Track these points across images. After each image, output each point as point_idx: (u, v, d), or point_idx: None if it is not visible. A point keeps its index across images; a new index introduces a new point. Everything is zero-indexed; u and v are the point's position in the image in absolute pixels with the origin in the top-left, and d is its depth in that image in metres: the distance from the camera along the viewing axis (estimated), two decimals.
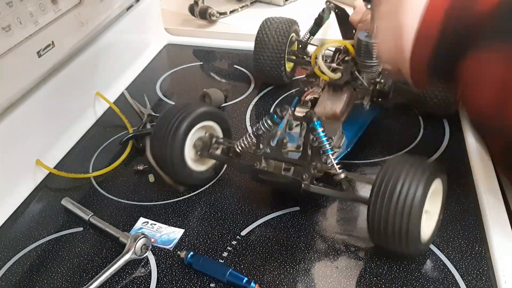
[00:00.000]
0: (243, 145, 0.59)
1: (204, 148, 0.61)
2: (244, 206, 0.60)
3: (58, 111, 0.70)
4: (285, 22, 0.79)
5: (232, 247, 0.55)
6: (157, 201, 0.62)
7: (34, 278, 0.53)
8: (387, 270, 0.51)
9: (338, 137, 0.63)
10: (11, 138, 0.62)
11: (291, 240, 0.55)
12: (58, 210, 0.61)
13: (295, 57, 0.81)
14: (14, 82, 0.61)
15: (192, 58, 0.96)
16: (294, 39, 0.81)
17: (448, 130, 0.71)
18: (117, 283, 0.51)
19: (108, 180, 0.66)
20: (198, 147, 0.61)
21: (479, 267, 0.51)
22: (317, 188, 0.54)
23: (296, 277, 0.51)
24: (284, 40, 0.78)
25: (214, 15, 1.04)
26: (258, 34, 0.79)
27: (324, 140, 0.54)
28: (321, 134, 0.54)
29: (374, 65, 0.69)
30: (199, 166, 0.62)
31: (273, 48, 0.78)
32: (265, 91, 0.83)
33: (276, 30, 0.78)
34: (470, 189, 0.61)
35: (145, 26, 0.95)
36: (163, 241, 0.56)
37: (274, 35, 0.78)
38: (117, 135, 0.74)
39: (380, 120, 0.73)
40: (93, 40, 0.79)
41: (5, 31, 0.58)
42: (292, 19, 0.81)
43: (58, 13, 0.68)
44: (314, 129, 0.54)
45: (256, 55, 0.80)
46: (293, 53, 0.82)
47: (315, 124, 0.54)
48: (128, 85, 0.87)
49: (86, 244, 0.56)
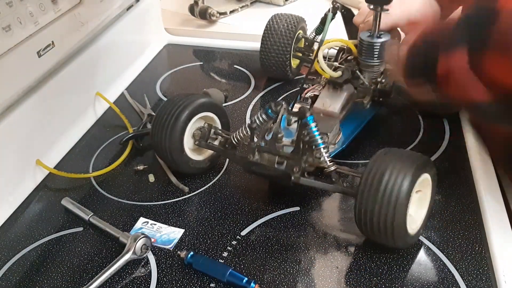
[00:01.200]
0: (238, 137, 0.60)
1: (202, 138, 0.62)
2: (244, 206, 0.60)
3: (58, 111, 0.70)
4: (292, 18, 0.80)
5: (232, 247, 0.55)
6: (157, 201, 0.62)
7: (34, 278, 0.53)
8: (387, 270, 0.51)
9: (334, 134, 0.64)
10: (11, 138, 0.62)
11: (291, 240, 0.55)
12: (58, 210, 0.61)
13: (301, 54, 0.82)
14: (14, 82, 0.61)
15: (192, 58, 0.96)
16: (300, 36, 0.81)
17: (448, 130, 0.71)
18: (117, 283, 0.51)
19: (108, 180, 0.66)
20: (196, 137, 0.62)
21: (479, 267, 0.51)
22: (307, 180, 0.55)
23: (296, 277, 0.51)
24: (290, 36, 0.79)
25: (214, 15, 1.04)
26: (266, 29, 0.80)
27: (316, 135, 0.55)
28: (314, 129, 0.55)
29: (375, 64, 0.69)
30: (197, 155, 0.64)
31: (279, 43, 0.79)
32: (265, 91, 0.83)
33: (283, 26, 0.79)
34: (470, 189, 0.61)
35: (145, 26, 0.95)
36: (163, 241, 0.56)
37: (281, 31, 0.79)
38: (117, 135, 0.74)
39: (380, 119, 0.73)
40: (93, 40, 0.79)
41: (5, 31, 0.58)
42: (300, 17, 0.81)
43: (58, 13, 0.68)
44: (307, 124, 0.55)
45: (262, 50, 0.81)
46: (299, 50, 0.82)
47: (307, 119, 0.55)
48: (128, 85, 0.87)
49: (86, 244, 0.56)
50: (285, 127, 0.66)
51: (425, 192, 0.53)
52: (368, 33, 0.68)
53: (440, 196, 0.60)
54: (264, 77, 0.87)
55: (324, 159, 0.55)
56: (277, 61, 0.80)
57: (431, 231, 0.55)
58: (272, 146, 0.57)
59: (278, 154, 0.57)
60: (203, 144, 0.62)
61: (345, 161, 0.66)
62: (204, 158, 0.64)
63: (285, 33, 0.79)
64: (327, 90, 0.69)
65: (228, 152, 0.62)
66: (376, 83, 0.70)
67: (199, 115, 0.61)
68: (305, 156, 0.55)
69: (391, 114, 0.75)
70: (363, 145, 0.69)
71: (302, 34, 0.82)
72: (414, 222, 0.52)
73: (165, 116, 0.60)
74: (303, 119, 0.55)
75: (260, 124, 0.58)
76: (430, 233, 0.55)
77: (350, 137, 0.66)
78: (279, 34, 0.79)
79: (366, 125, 0.70)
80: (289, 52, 0.79)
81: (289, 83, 0.84)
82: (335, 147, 0.64)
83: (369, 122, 0.71)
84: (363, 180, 0.49)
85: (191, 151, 0.63)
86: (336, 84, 0.68)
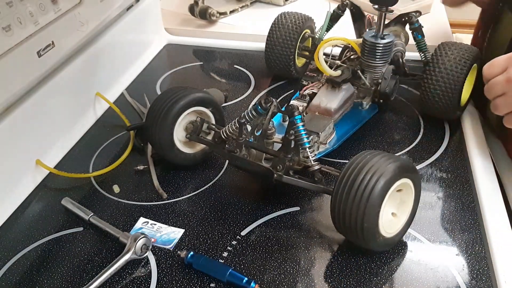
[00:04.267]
0: (228, 132, 0.60)
1: (194, 132, 0.63)
2: (244, 206, 0.60)
3: (58, 111, 0.70)
4: (299, 17, 0.80)
5: (232, 247, 0.55)
6: (157, 201, 0.62)
7: (34, 278, 0.53)
8: (387, 270, 0.51)
9: (326, 134, 0.64)
10: (11, 138, 0.62)
11: (291, 240, 0.55)
12: (58, 210, 0.61)
13: (308, 53, 0.82)
14: (14, 82, 0.61)
15: (192, 58, 0.96)
16: (307, 35, 0.81)
17: (448, 130, 0.71)
18: (117, 283, 0.51)
19: (108, 180, 0.66)
20: (189, 130, 0.63)
21: (479, 267, 0.51)
22: (289, 179, 0.55)
23: (296, 277, 0.51)
24: (297, 31, 0.79)
25: (214, 15, 1.04)
26: (273, 24, 0.81)
27: (302, 134, 0.55)
28: (301, 128, 0.55)
29: (377, 65, 0.69)
30: (188, 148, 0.65)
31: (284, 38, 0.79)
32: (265, 91, 0.84)
33: (291, 22, 0.79)
34: (470, 189, 0.61)
35: (145, 26, 0.95)
36: (163, 241, 0.56)
37: (288, 26, 0.79)
38: (117, 135, 0.74)
39: (380, 120, 0.73)
40: (93, 40, 0.79)
41: (5, 31, 0.58)
42: (307, 16, 0.81)
43: (58, 13, 0.68)
44: (294, 123, 0.55)
45: (267, 47, 0.81)
46: (306, 49, 0.82)
47: (295, 118, 0.55)
48: (128, 85, 0.87)
49: (86, 244, 0.56)
50: (280, 123, 0.66)
51: (406, 197, 0.52)
52: (372, 33, 0.68)
53: (440, 196, 0.60)
54: (265, 77, 0.87)
55: (309, 157, 0.55)
56: (282, 55, 0.80)
57: (431, 231, 0.55)
58: (261, 143, 0.58)
59: (264, 151, 0.57)
60: (194, 138, 0.63)
61: (342, 160, 0.66)
62: (196, 151, 0.65)
63: (292, 28, 0.79)
64: (325, 88, 0.69)
65: (217, 146, 0.62)
66: (377, 84, 0.70)
67: (192, 108, 0.63)
68: (291, 155, 0.55)
69: (391, 115, 0.75)
70: (363, 145, 0.69)
71: (309, 34, 0.82)
72: (392, 226, 0.51)
73: (157, 108, 0.62)
74: (290, 117, 0.55)
75: (249, 120, 0.58)
76: (430, 233, 0.55)
77: (343, 138, 0.66)
78: (286, 29, 0.79)
79: (366, 125, 0.70)
80: (294, 47, 0.79)
81: (291, 82, 0.84)
82: (326, 147, 0.64)
83: (369, 122, 0.71)
84: (339, 179, 0.49)
85: (182, 143, 0.64)
86: (335, 83, 0.68)
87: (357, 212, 0.47)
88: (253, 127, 0.59)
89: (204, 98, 0.63)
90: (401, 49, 0.74)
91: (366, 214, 0.47)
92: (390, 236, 0.51)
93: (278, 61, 0.81)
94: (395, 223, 0.52)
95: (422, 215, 0.57)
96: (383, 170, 0.47)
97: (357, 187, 0.47)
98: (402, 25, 0.76)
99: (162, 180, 0.65)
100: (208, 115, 0.65)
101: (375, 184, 0.46)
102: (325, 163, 0.58)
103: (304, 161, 0.56)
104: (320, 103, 0.67)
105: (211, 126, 0.64)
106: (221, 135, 0.60)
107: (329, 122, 0.64)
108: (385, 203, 0.48)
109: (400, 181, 0.49)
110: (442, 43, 0.70)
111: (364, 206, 0.47)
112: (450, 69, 0.67)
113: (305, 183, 0.55)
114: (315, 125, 0.63)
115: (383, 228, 0.49)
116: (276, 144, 0.59)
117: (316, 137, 0.62)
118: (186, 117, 0.63)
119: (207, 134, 0.65)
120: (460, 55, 0.67)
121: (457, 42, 0.70)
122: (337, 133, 0.66)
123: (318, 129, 0.62)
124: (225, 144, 0.60)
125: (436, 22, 1.02)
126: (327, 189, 0.53)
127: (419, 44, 0.75)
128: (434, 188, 0.61)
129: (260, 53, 0.88)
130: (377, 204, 0.47)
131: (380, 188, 0.47)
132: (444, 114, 0.70)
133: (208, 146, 0.64)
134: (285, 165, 0.55)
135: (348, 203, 0.47)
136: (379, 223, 0.48)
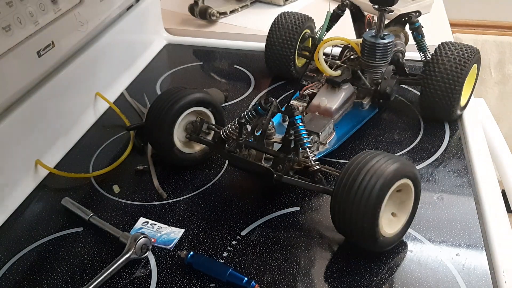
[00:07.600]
0: (227, 132, 0.60)
1: (194, 132, 0.63)
2: (244, 206, 0.60)
3: (58, 111, 0.70)
4: (299, 17, 0.80)
5: (232, 247, 0.55)
6: (157, 201, 0.62)
7: (34, 278, 0.53)
8: (387, 270, 0.51)
9: (326, 133, 0.64)
10: (11, 138, 0.61)
11: (291, 240, 0.55)
12: (58, 210, 0.61)
13: (308, 53, 0.82)
14: (14, 82, 0.61)
15: (192, 58, 0.96)
16: (307, 35, 0.81)
17: (448, 131, 0.71)
18: (117, 283, 0.51)
19: (108, 180, 0.66)
20: (189, 130, 0.63)
21: (479, 267, 0.51)
22: (289, 179, 0.55)
23: (296, 277, 0.51)
24: (295, 35, 0.79)
25: (214, 15, 1.04)
26: (272, 27, 0.81)
27: (303, 134, 0.55)
28: (300, 128, 0.55)
29: (377, 65, 0.69)
30: (188, 148, 0.65)
31: (284, 37, 0.79)
32: (265, 91, 0.84)
33: (288, 25, 0.79)
34: (470, 189, 0.61)
35: (145, 26, 0.95)
36: (163, 241, 0.56)
37: (288, 26, 0.79)
38: (117, 135, 0.74)
39: (380, 120, 0.73)
40: (93, 40, 0.79)
41: (5, 31, 0.58)
42: (307, 16, 0.81)
43: (58, 13, 0.68)
44: (294, 123, 0.55)
45: (267, 47, 0.81)
46: (306, 49, 0.82)
47: (295, 118, 0.55)
48: (128, 85, 0.87)
49: (86, 244, 0.56)
50: (280, 123, 0.66)
51: (406, 197, 0.52)
52: (372, 33, 0.68)
53: (440, 196, 0.60)
54: (265, 77, 0.87)
55: (309, 157, 0.55)
56: (282, 55, 0.80)
57: (431, 231, 0.55)
58: (261, 143, 0.57)
59: (263, 151, 0.57)
60: (193, 137, 0.63)
61: (342, 160, 0.66)
62: (196, 151, 0.65)
63: (291, 28, 0.79)
64: (325, 88, 0.69)
65: (216, 147, 0.62)
66: (377, 84, 0.70)
67: (192, 108, 0.63)
68: (291, 155, 0.55)
69: (391, 115, 0.75)
70: (363, 145, 0.69)
71: (309, 34, 0.82)
72: (392, 227, 0.51)
73: (157, 108, 0.62)
74: (290, 118, 0.55)
75: (249, 120, 0.58)
76: (430, 233, 0.55)
77: (343, 138, 0.66)
78: (286, 29, 0.79)
79: (366, 125, 0.70)
80: (294, 47, 0.79)
81: (291, 82, 0.84)
82: (326, 147, 0.64)
83: (369, 122, 0.71)
84: (339, 179, 0.49)
85: (182, 143, 0.64)
86: (334, 83, 0.68)
87: (357, 212, 0.47)
88: (253, 127, 0.59)
89: (204, 98, 0.63)
90: (401, 49, 0.74)
91: (366, 214, 0.47)
92: (390, 236, 0.51)
93: (278, 61, 0.81)
94: (395, 223, 0.52)
95: (422, 215, 0.57)
96: (383, 170, 0.47)
97: (357, 187, 0.47)
98: (402, 25, 0.76)
99: (162, 180, 0.65)
100: (208, 115, 0.65)
101: (375, 184, 0.46)
102: (325, 163, 0.58)
103: (304, 161, 0.56)
104: (320, 103, 0.67)
105: (211, 126, 0.64)
106: (221, 135, 0.60)
107: (329, 122, 0.64)
108: (385, 203, 0.48)
109: (400, 181, 0.49)
110: (442, 43, 0.70)
111: (364, 206, 0.47)
112: (450, 69, 0.67)
113: (305, 183, 0.55)
114: (315, 125, 0.63)
115: (383, 228, 0.49)
116: (276, 144, 0.59)
117: (316, 137, 0.62)
118: (186, 117, 0.63)
119: (207, 134, 0.65)
120: (460, 55, 0.67)
121: (457, 42, 0.70)
122: (337, 133, 0.66)
123: (318, 129, 0.62)
124: (225, 144, 0.60)
125: (436, 22, 1.02)
126: (327, 189, 0.53)
127: (419, 44, 0.75)
128: (434, 188, 0.61)
129: (260, 53, 0.88)
130: (377, 204, 0.47)
131: (380, 188, 0.47)
132: (444, 114, 0.70)
133: (208, 146, 0.64)
134: (285, 165, 0.55)
135: (348, 203, 0.47)
136: (379, 223, 0.48)
